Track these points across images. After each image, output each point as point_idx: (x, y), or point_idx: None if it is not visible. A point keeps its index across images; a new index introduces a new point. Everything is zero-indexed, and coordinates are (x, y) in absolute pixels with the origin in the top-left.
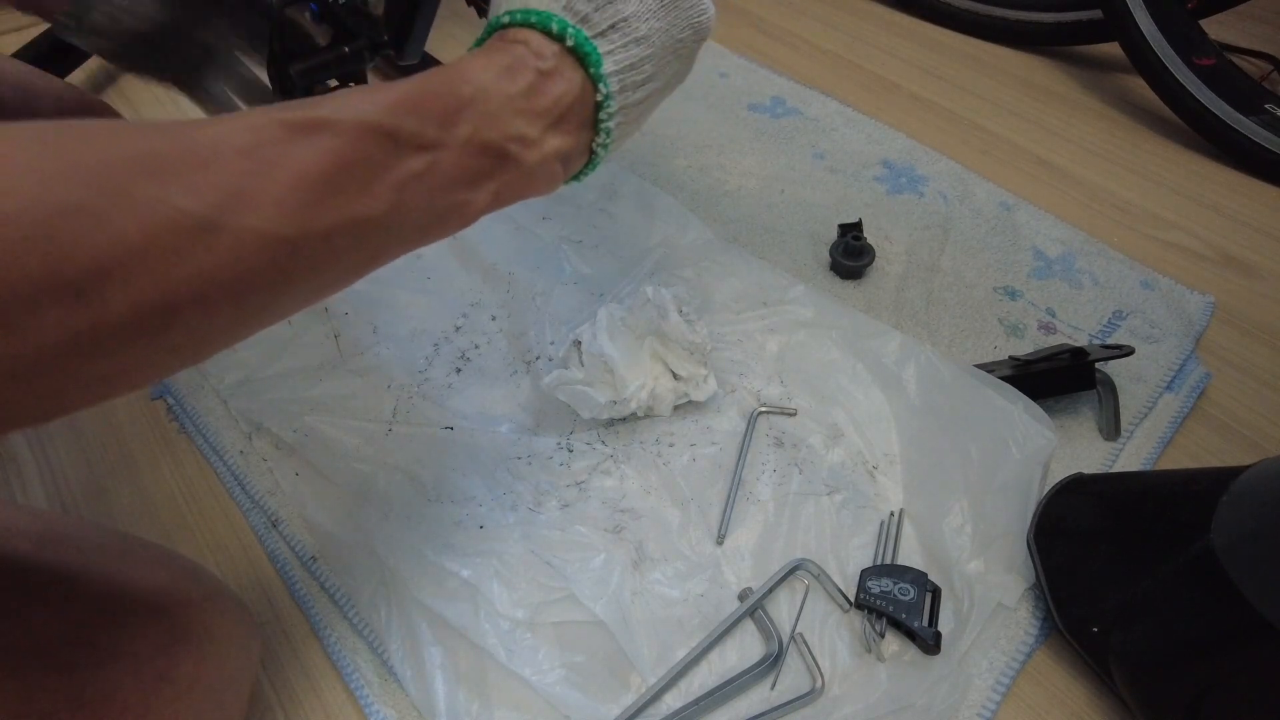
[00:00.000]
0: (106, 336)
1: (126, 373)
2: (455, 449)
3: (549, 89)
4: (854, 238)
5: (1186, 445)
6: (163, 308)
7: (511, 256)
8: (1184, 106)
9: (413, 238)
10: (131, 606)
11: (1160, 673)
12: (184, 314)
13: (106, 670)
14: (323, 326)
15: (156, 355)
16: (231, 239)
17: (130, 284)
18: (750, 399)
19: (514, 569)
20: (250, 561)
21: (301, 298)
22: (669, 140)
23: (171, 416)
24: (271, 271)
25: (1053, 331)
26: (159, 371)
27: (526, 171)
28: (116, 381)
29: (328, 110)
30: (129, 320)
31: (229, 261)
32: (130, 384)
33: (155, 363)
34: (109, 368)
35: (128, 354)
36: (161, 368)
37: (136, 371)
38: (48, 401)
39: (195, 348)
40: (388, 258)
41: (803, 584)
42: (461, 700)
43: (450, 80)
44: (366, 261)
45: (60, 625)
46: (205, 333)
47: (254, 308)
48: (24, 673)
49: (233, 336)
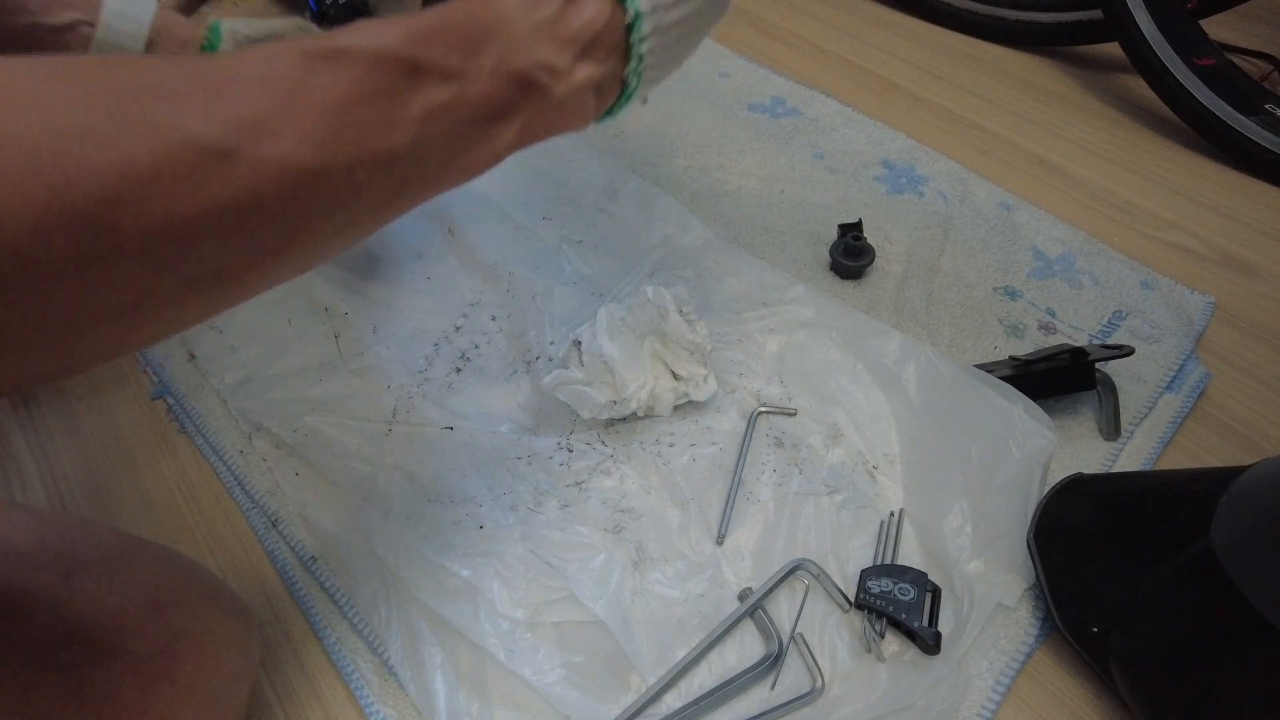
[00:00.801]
0: (118, 265)
1: (143, 308)
2: (455, 449)
3: (577, 13)
4: (854, 238)
5: (1186, 445)
6: (176, 236)
7: (511, 256)
8: (1184, 106)
9: (438, 175)
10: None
11: (1160, 673)
12: (198, 244)
13: (107, 669)
14: (323, 326)
15: (173, 289)
16: (248, 168)
17: (142, 210)
18: (750, 399)
19: (514, 569)
20: (250, 561)
21: (324, 236)
22: (669, 140)
23: (171, 416)
24: (291, 204)
25: (1053, 331)
26: (178, 310)
27: (556, 103)
28: (134, 319)
29: (347, 40)
30: (140, 248)
31: (245, 191)
32: (150, 325)
33: (173, 299)
34: (123, 299)
35: (142, 285)
36: (180, 307)
37: (154, 308)
38: (63, 341)
39: (214, 284)
40: (412, 198)
41: (803, 584)
42: (461, 700)
43: (473, 7)
44: (390, 199)
45: (61, 624)
46: (222, 266)
47: (273, 242)
48: (24, 671)
49: (255, 275)
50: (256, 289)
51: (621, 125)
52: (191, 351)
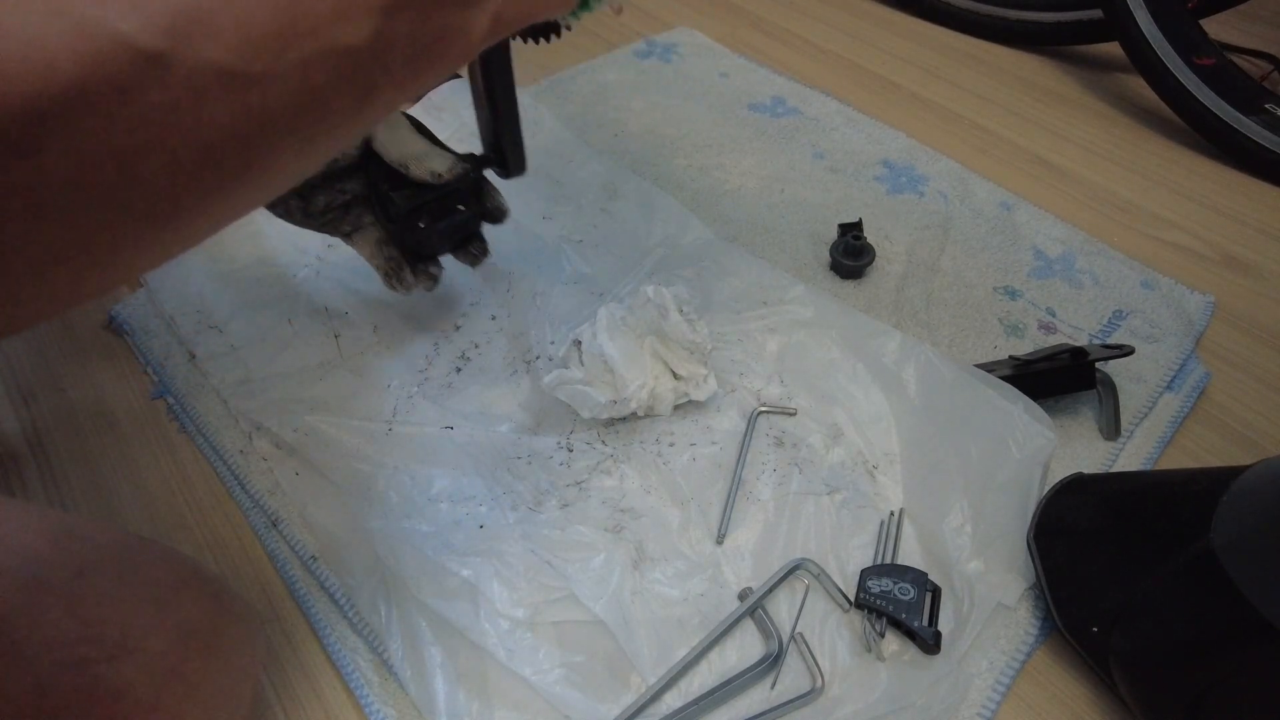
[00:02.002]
0: (50, 198)
1: (93, 249)
2: (455, 449)
3: None
4: (854, 237)
5: (1186, 445)
6: (113, 160)
7: (511, 256)
8: (1184, 106)
9: (405, 75)
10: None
11: (1160, 673)
12: (140, 169)
13: (118, 666)
14: (323, 326)
15: (124, 225)
16: (186, 73)
17: (71, 129)
18: (750, 398)
19: (514, 569)
20: (250, 561)
21: (287, 152)
22: (669, 140)
23: (171, 416)
24: (242, 116)
25: (1053, 331)
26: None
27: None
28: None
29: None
30: (73, 177)
31: (186, 102)
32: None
33: (127, 236)
34: (66, 239)
35: (85, 222)
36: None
37: (106, 249)
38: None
39: (170, 216)
40: (381, 104)
41: (803, 584)
42: (461, 700)
43: None
44: (356, 107)
45: (73, 621)
46: (176, 195)
47: (229, 163)
48: (38, 667)
49: (217, 203)
50: (223, 218)
51: (622, 125)
52: (191, 351)
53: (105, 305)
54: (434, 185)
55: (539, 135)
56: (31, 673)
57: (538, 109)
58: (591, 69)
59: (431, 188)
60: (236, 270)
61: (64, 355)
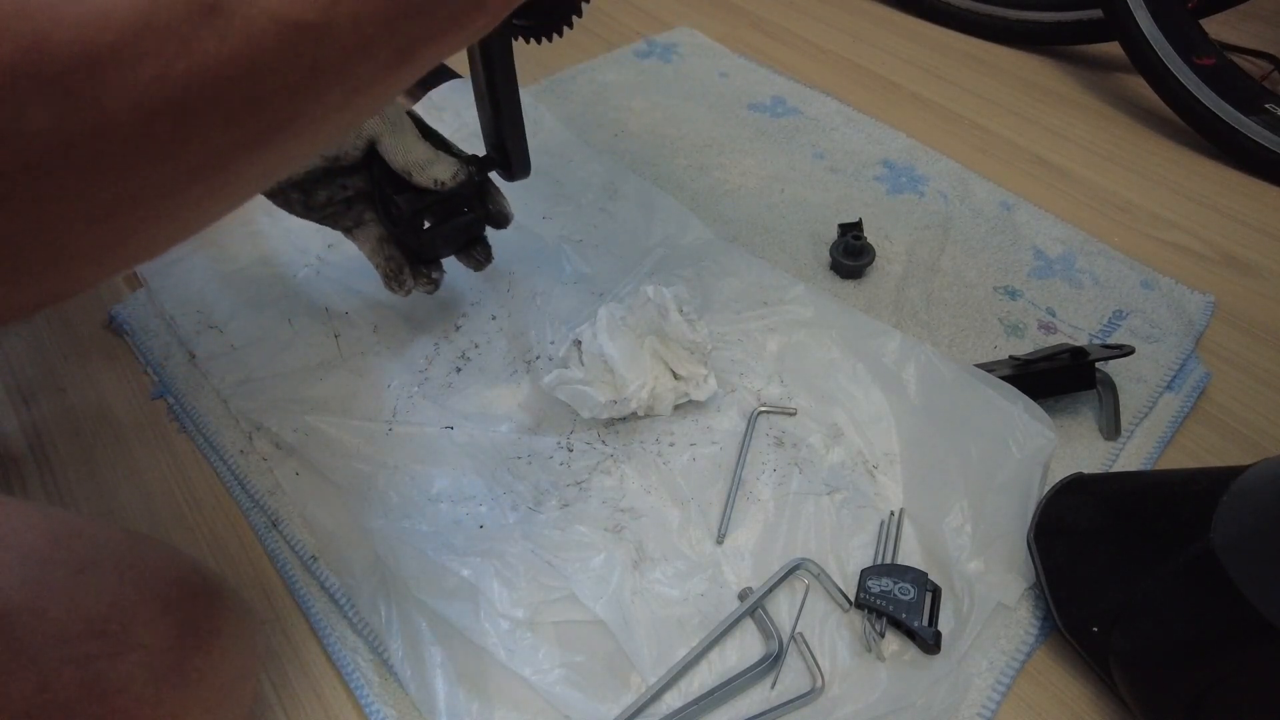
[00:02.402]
0: (107, 146)
1: (140, 204)
2: (455, 449)
3: None
4: (854, 237)
5: (1186, 445)
6: (171, 109)
7: (511, 256)
8: (1184, 106)
9: (443, 31)
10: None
11: (1160, 673)
12: (197, 119)
13: (120, 662)
14: (323, 326)
15: (173, 179)
16: (242, 23)
17: (128, 76)
18: (750, 398)
19: (514, 568)
20: (250, 561)
21: (332, 106)
22: (669, 140)
23: (171, 416)
24: (295, 66)
25: (1053, 331)
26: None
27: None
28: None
29: None
30: (131, 124)
31: (243, 52)
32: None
33: (174, 192)
34: (117, 193)
35: (137, 174)
36: (182, 203)
37: (153, 204)
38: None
39: (217, 171)
40: (419, 60)
41: (803, 584)
42: (461, 700)
43: None
44: (397, 61)
45: (75, 617)
46: (225, 148)
47: (279, 114)
48: (41, 663)
49: (261, 158)
50: (262, 177)
51: (622, 125)
52: (191, 351)
53: (105, 305)
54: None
55: (539, 135)
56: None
57: (538, 109)
58: (591, 69)
59: (435, 191)
60: (236, 270)
61: (64, 355)
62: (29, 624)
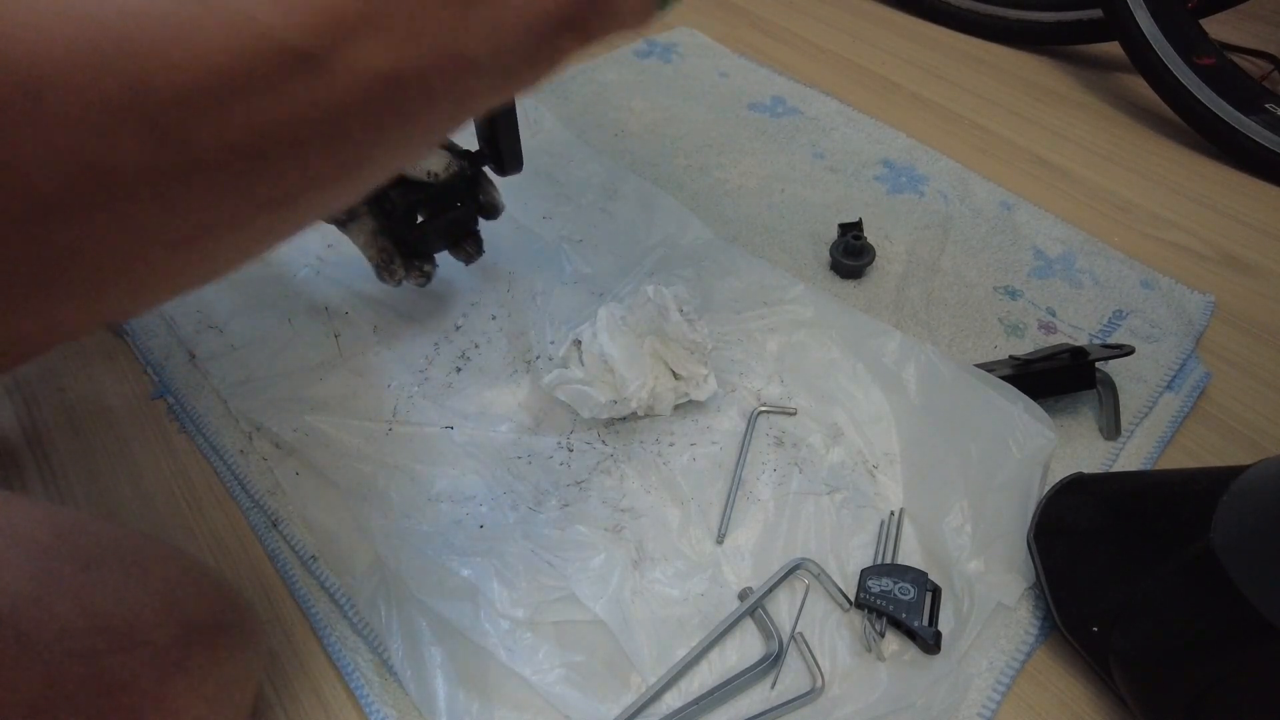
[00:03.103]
0: (194, 181)
1: (214, 234)
2: (455, 449)
3: None
4: (854, 237)
5: (1186, 445)
6: (255, 150)
7: (511, 256)
8: (1184, 106)
9: (502, 84)
10: (148, 598)
11: (1160, 673)
12: (277, 160)
13: (126, 658)
14: (323, 326)
15: (246, 212)
16: (330, 75)
17: (221, 118)
18: (750, 398)
19: (514, 568)
20: (250, 561)
21: (394, 151)
22: (669, 140)
23: (171, 416)
24: (370, 115)
25: (1053, 331)
26: (246, 238)
27: (620, 5)
28: (204, 246)
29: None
30: (218, 162)
31: (327, 101)
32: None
33: (244, 223)
34: (196, 222)
35: (216, 206)
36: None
37: (225, 234)
38: (131, 271)
39: (285, 205)
40: (474, 109)
41: (803, 583)
42: (461, 700)
43: None
44: (456, 111)
45: (81, 613)
46: (296, 186)
47: (348, 158)
48: (47, 658)
49: (324, 195)
50: (321, 212)
51: (622, 125)
52: (192, 351)
53: None
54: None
55: (539, 135)
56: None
57: (538, 109)
58: (591, 69)
59: (428, 184)
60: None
61: (64, 355)
62: (36, 619)
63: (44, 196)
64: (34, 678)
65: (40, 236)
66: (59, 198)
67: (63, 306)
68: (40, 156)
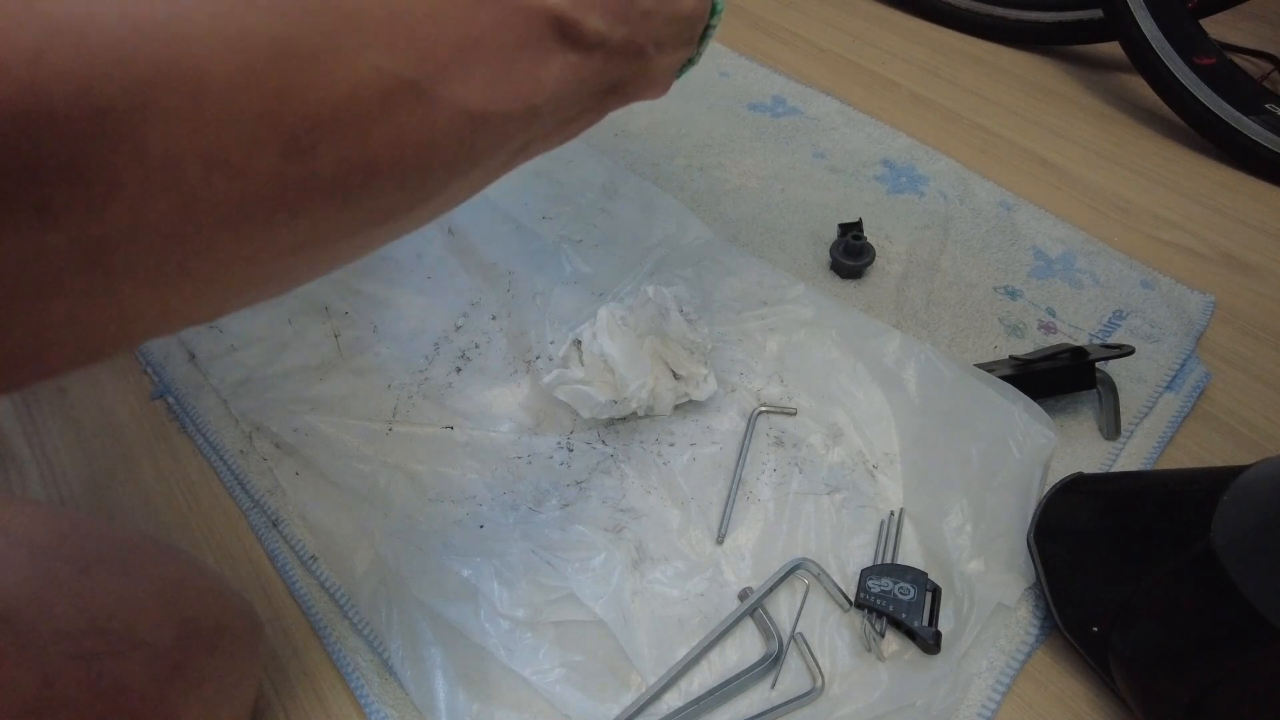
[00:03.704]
0: (311, 194)
1: (319, 244)
2: (455, 449)
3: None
4: (854, 237)
5: (1187, 445)
6: (364, 169)
7: (512, 256)
8: (1184, 106)
9: (553, 135)
10: (147, 599)
11: (1160, 673)
12: (381, 180)
13: (123, 660)
14: (323, 326)
15: (347, 226)
16: (432, 108)
17: (340, 137)
18: (750, 398)
19: (514, 568)
20: (250, 561)
21: (466, 185)
22: (669, 140)
23: (171, 416)
24: (460, 147)
25: (1053, 331)
26: (345, 249)
27: (653, 77)
28: (309, 255)
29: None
30: (333, 177)
31: (429, 130)
32: (316, 264)
33: (343, 236)
34: (307, 233)
35: (326, 219)
36: (349, 245)
37: (329, 245)
38: (246, 274)
39: (379, 224)
40: (528, 155)
41: (803, 583)
42: (461, 700)
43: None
44: (515, 155)
45: (79, 615)
46: (391, 205)
47: (435, 184)
48: (45, 659)
49: (408, 218)
50: (398, 233)
51: (622, 125)
52: (191, 351)
53: None
54: None
55: None
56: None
57: None
58: None
59: None
60: None
61: None
62: (34, 619)
63: (188, 193)
64: (31, 679)
65: (178, 233)
66: (200, 195)
67: (182, 297)
68: (193, 152)
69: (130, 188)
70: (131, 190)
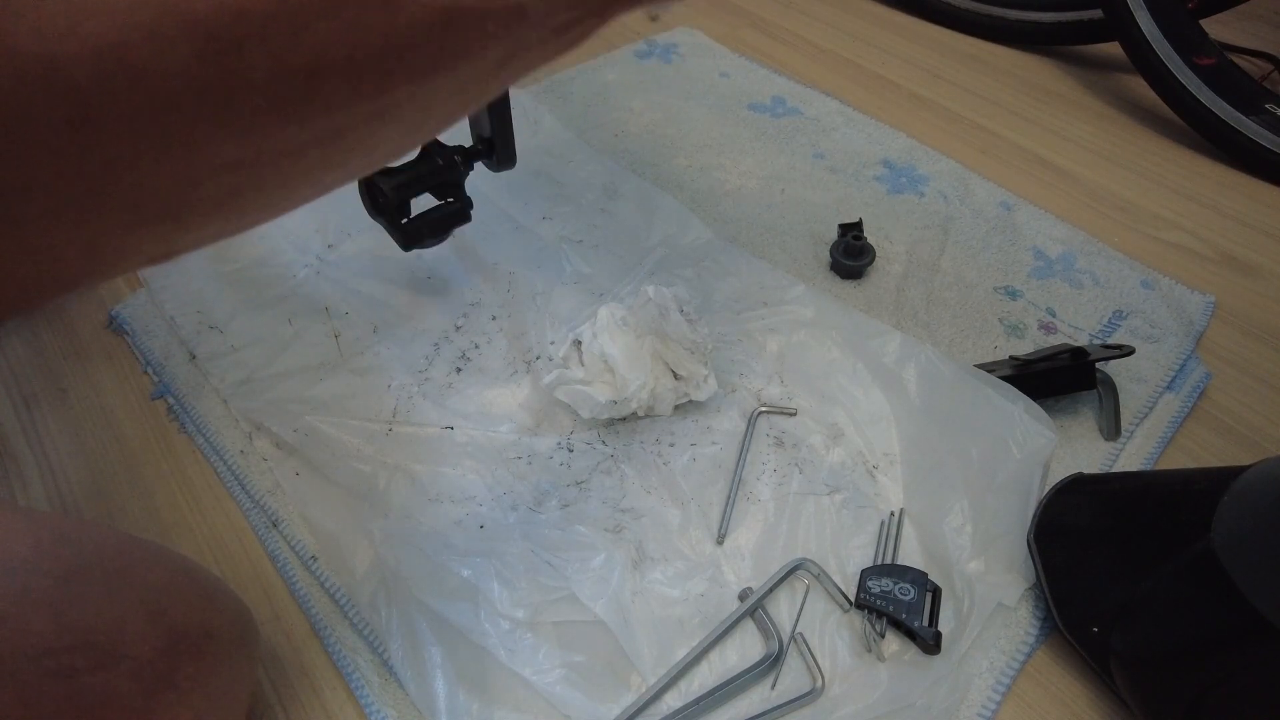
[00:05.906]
0: (243, 100)
1: (261, 164)
2: (455, 449)
3: None
4: (854, 237)
5: (1186, 445)
6: (306, 73)
7: (512, 256)
8: (1184, 106)
9: (547, 44)
10: (131, 609)
11: (1160, 673)
12: (328, 87)
13: (107, 674)
14: (323, 326)
15: (295, 145)
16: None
17: (272, 32)
18: (750, 399)
19: (514, 569)
20: (250, 561)
21: (439, 99)
22: (669, 140)
23: (172, 416)
24: (424, 46)
25: (1053, 331)
26: (295, 172)
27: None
28: (250, 176)
29: None
30: (269, 81)
31: (382, 28)
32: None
33: (292, 157)
34: (245, 149)
35: (265, 133)
36: (299, 166)
37: (273, 166)
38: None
39: (332, 142)
40: (514, 71)
41: (803, 584)
42: (461, 700)
43: None
44: (503, 61)
45: (59, 629)
46: (344, 122)
47: (399, 97)
48: (22, 678)
49: (369, 140)
50: (368, 160)
51: (622, 125)
52: (192, 351)
53: (105, 305)
54: (423, 174)
55: (539, 135)
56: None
57: (538, 109)
58: (591, 69)
59: (421, 179)
60: (236, 270)
61: (64, 355)
62: (10, 637)
63: (87, 98)
64: (8, 700)
65: (83, 143)
66: (103, 101)
67: (105, 229)
68: (85, 53)
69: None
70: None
